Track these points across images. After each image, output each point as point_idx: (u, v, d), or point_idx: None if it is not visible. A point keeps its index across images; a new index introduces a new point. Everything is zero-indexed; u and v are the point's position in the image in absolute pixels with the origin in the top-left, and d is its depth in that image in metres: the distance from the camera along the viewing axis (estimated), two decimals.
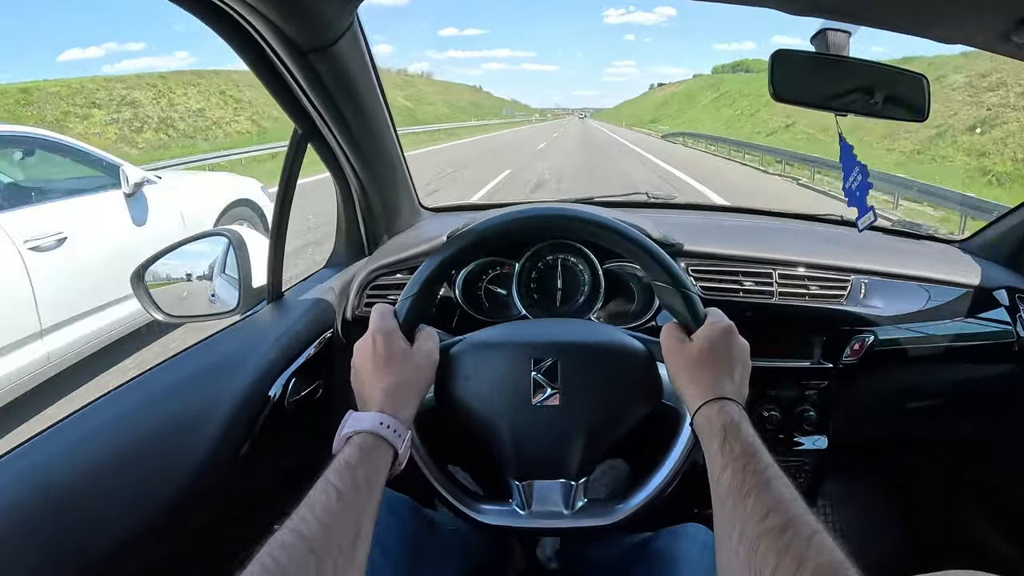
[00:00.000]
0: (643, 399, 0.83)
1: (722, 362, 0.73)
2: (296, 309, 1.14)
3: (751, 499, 0.56)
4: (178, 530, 0.80)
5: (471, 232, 0.83)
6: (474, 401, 0.82)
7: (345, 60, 0.98)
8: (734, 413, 0.67)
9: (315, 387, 1.09)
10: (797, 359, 1.25)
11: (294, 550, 0.51)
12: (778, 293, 1.22)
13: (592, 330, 0.91)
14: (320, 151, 1.17)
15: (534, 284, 1.23)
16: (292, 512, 0.55)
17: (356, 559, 0.56)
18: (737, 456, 0.62)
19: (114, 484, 0.74)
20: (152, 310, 1.18)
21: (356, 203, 1.31)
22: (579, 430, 0.81)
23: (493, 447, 0.83)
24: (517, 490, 0.83)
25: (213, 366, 0.97)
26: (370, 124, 1.16)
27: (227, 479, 0.88)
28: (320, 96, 1.01)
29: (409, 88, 71.84)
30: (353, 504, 0.58)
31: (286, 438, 1.02)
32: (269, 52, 0.90)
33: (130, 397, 0.87)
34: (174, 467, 0.80)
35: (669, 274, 0.79)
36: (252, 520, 0.96)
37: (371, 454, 0.64)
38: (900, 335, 1.25)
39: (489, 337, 0.86)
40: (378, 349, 0.74)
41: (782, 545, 0.50)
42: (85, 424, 0.79)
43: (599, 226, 0.83)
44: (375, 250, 1.38)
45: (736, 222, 1.60)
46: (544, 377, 0.81)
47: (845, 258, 1.27)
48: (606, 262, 1.21)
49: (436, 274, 0.81)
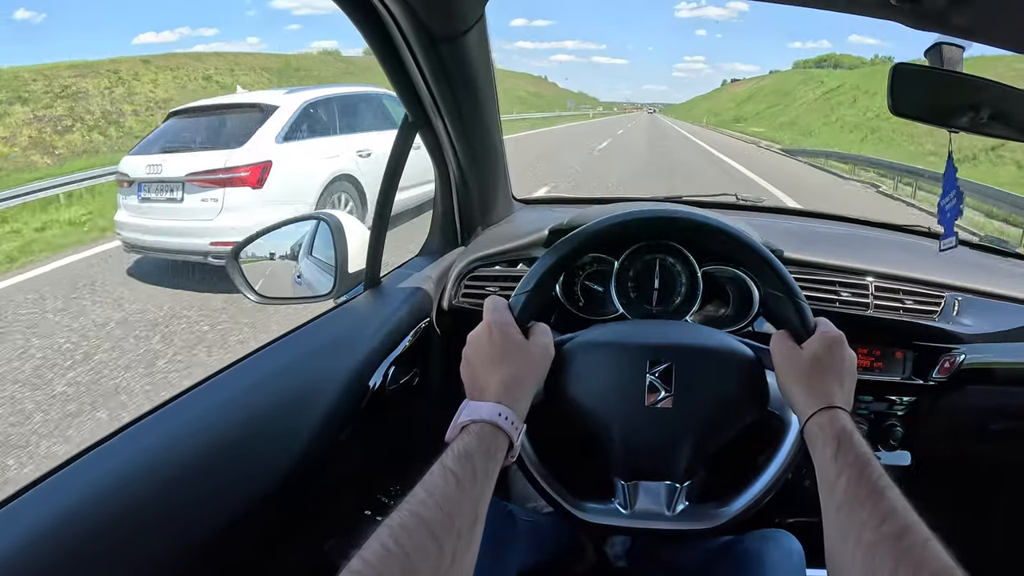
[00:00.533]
0: (752, 405, 0.83)
1: (833, 372, 0.74)
2: (395, 297, 1.17)
3: (867, 506, 0.58)
4: (277, 513, 0.82)
5: (587, 230, 0.83)
6: (586, 399, 0.83)
7: (470, 52, 1.00)
8: (847, 422, 0.68)
9: (412, 375, 1.11)
10: (887, 373, 1.24)
11: (416, 533, 0.51)
12: (873, 305, 1.21)
13: (704, 334, 0.91)
14: (426, 140, 1.19)
15: (632, 283, 1.22)
16: (406, 495, 0.55)
17: (473, 546, 0.56)
18: (851, 464, 0.62)
19: (218, 467, 0.76)
20: (246, 291, 1.20)
21: (455, 193, 1.32)
22: (689, 433, 0.82)
23: (602, 446, 0.84)
24: (622, 489, 0.84)
25: (316, 351, 1.00)
26: (481, 115, 1.17)
27: (325, 464, 0.89)
28: (440, 86, 1.02)
29: None
30: (470, 492, 0.58)
31: (384, 425, 1.04)
32: (400, 38, 0.92)
33: (234, 382, 0.89)
34: (275, 452, 0.82)
35: (783, 283, 0.79)
36: (349, 505, 0.99)
37: (489, 444, 0.64)
38: (990, 355, 1.23)
39: (604, 336, 0.87)
40: (495, 340, 0.74)
41: (900, 550, 0.52)
42: (190, 409, 0.82)
43: (717, 231, 0.83)
44: (470, 240, 1.39)
45: (828, 229, 1.59)
46: (659, 380, 0.81)
47: (939, 273, 1.25)
48: (705, 264, 1.19)
49: (553, 271, 0.82)
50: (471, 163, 1.26)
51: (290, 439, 0.84)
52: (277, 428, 0.85)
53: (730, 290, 1.23)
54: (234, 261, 1.21)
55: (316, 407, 0.89)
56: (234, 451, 0.79)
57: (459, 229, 1.38)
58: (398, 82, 1.03)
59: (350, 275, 1.20)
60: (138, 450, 0.74)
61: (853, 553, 0.55)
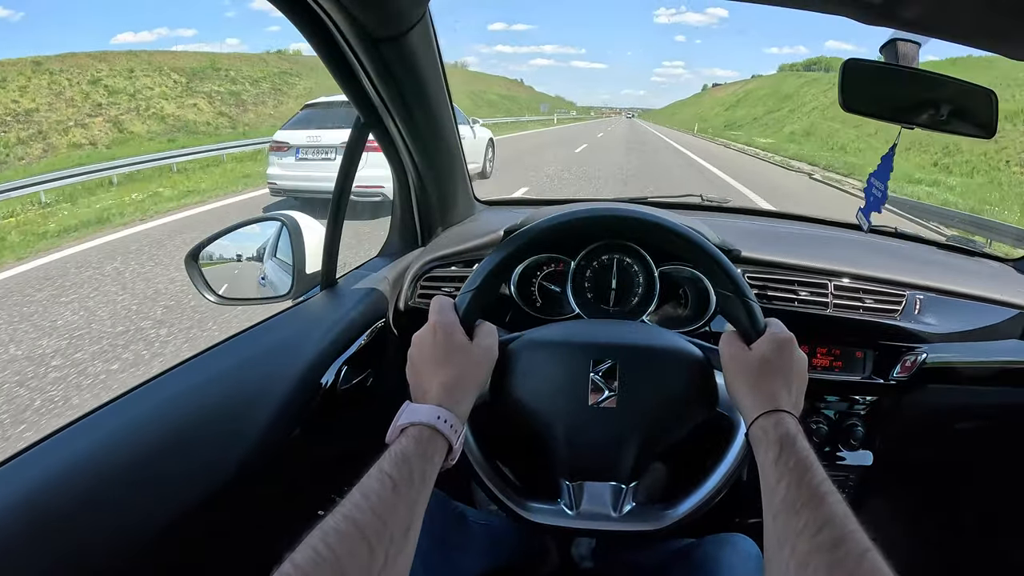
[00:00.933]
0: (699, 406, 0.83)
1: (780, 374, 0.73)
2: (350, 297, 1.16)
3: (805, 513, 0.56)
4: (226, 513, 0.81)
5: (534, 229, 0.82)
6: (530, 399, 0.82)
7: (414, 51, 0.99)
8: (791, 426, 0.67)
9: (366, 376, 1.10)
10: (848, 373, 1.23)
11: (348, 537, 0.51)
12: (833, 304, 1.20)
13: (652, 333, 0.90)
14: (381, 141, 1.18)
15: (588, 283, 1.22)
16: (343, 498, 0.55)
17: (407, 550, 0.56)
18: (792, 469, 0.61)
19: (163, 466, 0.75)
20: (205, 291, 1.19)
21: (413, 193, 1.32)
22: (634, 433, 0.81)
23: (546, 446, 0.83)
24: (567, 490, 0.83)
25: (268, 351, 0.99)
26: (432, 116, 1.17)
27: (276, 463, 0.89)
28: (387, 86, 1.02)
29: None
30: (407, 496, 0.58)
31: (335, 426, 1.03)
32: (340, 40, 0.91)
33: (184, 379, 0.88)
34: (224, 451, 0.82)
35: (733, 282, 0.78)
36: (299, 505, 0.98)
37: (427, 447, 0.64)
38: (952, 354, 1.23)
39: (548, 335, 0.86)
40: (438, 342, 0.74)
41: (834, 561, 0.51)
42: (136, 406, 0.81)
43: (665, 230, 0.83)
44: (429, 241, 1.39)
45: (790, 229, 1.58)
46: (602, 379, 0.81)
47: (901, 272, 1.25)
48: (662, 264, 1.20)
49: (498, 270, 0.81)
50: (427, 164, 1.25)
51: (238, 438, 0.83)
52: (225, 427, 0.84)
53: (687, 290, 1.23)
54: (192, 262, 1.20)
55: (266, 406, 0.88)
56: (179, 449, 0.78)
57: (418, 230, 1.38)
58: (344, 83, 1.02)
59: (308, 276, 1.19)
60: (79, 448, 0.73)
61: (788, 563, 0.54)
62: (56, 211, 9.47)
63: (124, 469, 0.72)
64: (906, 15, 0.78)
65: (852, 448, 1.27)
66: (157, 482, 0.74)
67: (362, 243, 4.01)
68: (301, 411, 0.94)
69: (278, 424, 0.89)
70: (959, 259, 1.53)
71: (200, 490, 0.77)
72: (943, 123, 0.97)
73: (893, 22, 0.84)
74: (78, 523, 0.66)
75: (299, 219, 1.23)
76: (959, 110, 0.97)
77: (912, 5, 0.73)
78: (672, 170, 15.57)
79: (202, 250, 1.21)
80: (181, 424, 0.80)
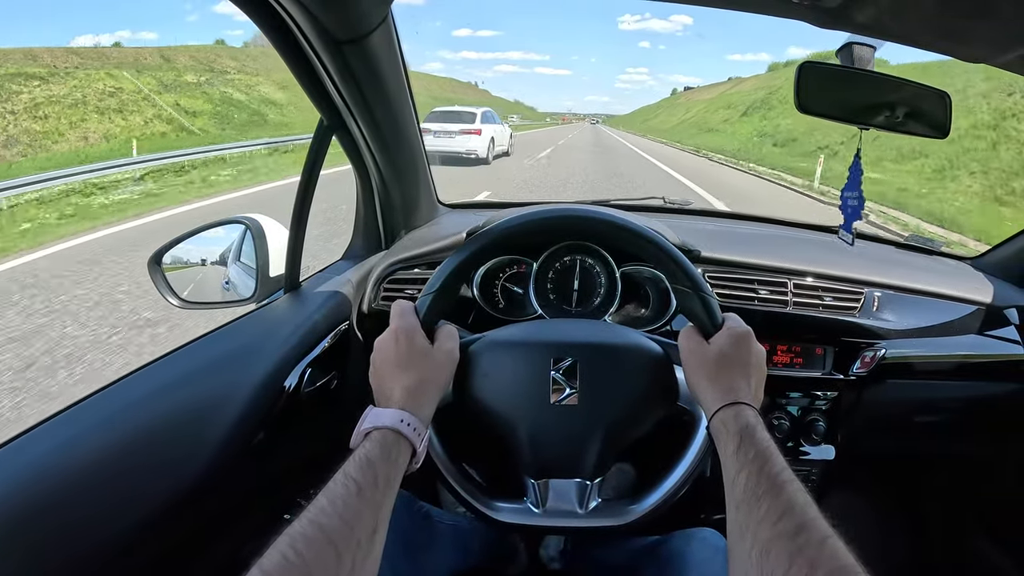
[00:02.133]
0: (660, 401, 0.83)
1: (739, 367, 0.74)
2: (313, 300, 1.15)
3: (765, 502, 0.57)
4: (190, 518, 0.80)
5: (493, 231, 0.83)
6: (492, 399, 0.82)
7: (377, 53, 0.99)
8: (750, 417, 0.68)
9: (330, 379, 1.10)
10: (808, 369, 1.25)
11: (315, 542, 0.51)
12: (792, 303, 1.22)
13: (611, 331, 0.91)
14: (344, 143, 1.17)
15: (551, 284, 1.23)
16: (308, 503, 0.55)
17: (373, 553, 0.56)
18: (752, 460, 0.62)
19: (126, 472, 0.74)
20: (168, 295, 1.17)
21: (376, 196, 1.31)
22: (596, 430, 0.81)
23: (510, 445, 0.83)
24: (532, 488, 0.83)
25: (229, 355, 0.98)
26: (395, 118, 1.16)
27: (240, 468, 0.88)
28: (349, 88, 1.02)
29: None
30: (372, 500, 0.58)
31: (300, 429, 1.02)
32: (303, 41, 0.91)
33: (144, 384, 0.87)
34: (187, 455, 0.81)
35: (689, 278, 0.80)
36: (264, 509, 0.97)
37: (391, 451, 0.64)
38: (911, 349, 1.26)
39: (508, 335, 0.86)
40: (400, 347, 0.74)
41: (794, 548, 0.51)
42: (97, 411, 0.80)
43: (621, 229, 0.83)
44: (393, 244, 1.38)
45: (751, 230, 1.60)
46: (563, 377, 0.81)
47: (859, 270, 1.27)
48: (623, 265, 1.21)
49: (458, 272, 0.81)
50: (390, 166, 1.25)
51: (201, 442, 0.82)
52: (188, 431, 0.83)
53: (649, 290, 1.25)
54: (155, 266, 1.17)
55: (229, 410, 0.87)
56: (142, 454, 0.77)
57: (382, 233, 1.38)
58: (306, 84, 1.01)
59: (271, 279, 1.18)
60: (40, 452, 0.71)
61: (750, 553, 0.54)
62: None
63: (85, 475, 0.71)
64: (860, 18, 0.80)
65: (814, 443, 1.29)
66: (119, 488, 0.73)
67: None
68: (265, 415, 0.93)
69: (242, 428, 0.88)
70: (917, 257, 1.57)
71: (163, 495, 0.76)
72: (898, 124, 0.99)
73: (848, 25, 0.85)
74: (38, 528, 0.65)
75: (263, 222, 1.21)
76: (914, 112, 0.99)
77: (866, 8, 0.74)
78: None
79: (165, 253, 1.19)
80: (143, 429, 0.79)
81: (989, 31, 0.74)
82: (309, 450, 1.07)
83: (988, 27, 0.73)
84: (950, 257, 1.59)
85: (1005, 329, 1.30)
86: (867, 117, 0.98)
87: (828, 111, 0.97)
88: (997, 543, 1.52)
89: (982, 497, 1.56)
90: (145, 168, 12.74)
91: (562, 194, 10.61)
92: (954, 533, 1.60)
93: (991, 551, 1.52)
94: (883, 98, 0.98)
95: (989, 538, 1.54)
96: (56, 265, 5.82)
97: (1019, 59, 0.78)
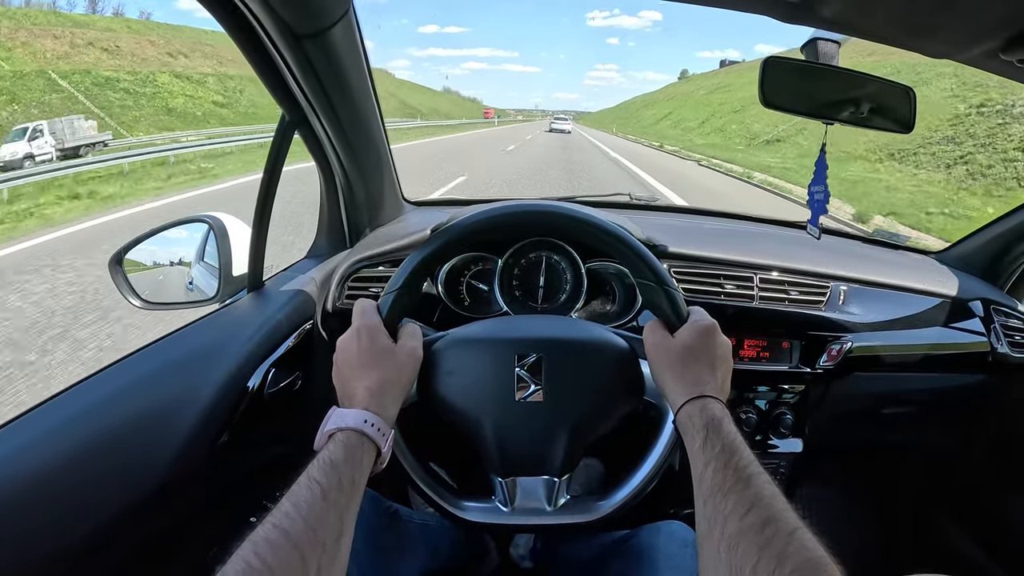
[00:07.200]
0: (626, 396, 0.83)
1: (704, 360, 0.73)
2: (276, 299, 1.13)
3: (732, 496, 0.57)
4: (151, 524, 0.79)
5: (456, 227, 0.82)
6: (457, 397, 0.81)
7: (338, 48, 0.97)
8: (716, 410, 0.67)
9: (294, 379, 1.08)
10: (775, 363, 1.26)
11: (279, 548, 0.50)
12: (759, 297, 1.23)
13: (576, 327, 0.90)
14: (306, 139, 1.16)
15: (516, 281, 1.23)
16: (273, 506, 0.54)
17: (339, 557, 0.55)
18: (719, 453, 0.62)
19: (86, 476, 0.73)
20: (129, 296, 1.15)
21: (340, 194, 1.30)
22: (562, 427, 0.81)
23: (476, 443, 0.83)
24: (500, 487, 0.82)
25: (191, 355, 0.96)
26: (358, 114, 1.15)
27: (203, 470, 0.86)
28: (310, 83, 1.00)
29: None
30: (337, 502, 0.57)
31: (264, 430, 1.01)
32: (262, 35, 0.89)
33: (104, 386, 0.85)
34: (149, 458, 0.79)
35: (653, 272, 0.79)
36: (228, 512, 0.95)
37: (355, 452, 0.63)
38: (877, 342, 1.27)
39: (472, 333, 0.86)
40: (362, 346, 0.73)
41: (762, 541, 0.51)
42: (55, 414, 0.78)
43: (586, 224, 0.83)
44: (357, 242, 1.37)
45: (717, 226, 1.61)
46: (528, 373, 0.81)
47: (825, 265, 1.28)
48: (589, 261, 1.21)
49: (420, 269, 0.80)
50: (353, 163, 1.23)
51: (163, 444, 0.81)
52: (149, 433, 0.81)
53: (615, 286, 1.25)
54: (116, 266, 1.15)
55: (191, 410, 0.86)
56: (102, 456, 0.75)
57: (346, 231, 1.36)
58: (268, 79, 0.99)
59: (235, 278, 1.16)
60: None
61: (719, 546, 0.54)
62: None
63: (40, 482, 0.69)
64: (825, 13, 0.80)
65: (782, 436, 1.31)
66: (78, 491, 0.71)
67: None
68: (228, 416, 0.91)
69: (205, 430, 0.86)
70: (882, 252, 1.59)
71: (124, 499, 0.75)
72: (863, 119, 1.00)
73: (813, 20, 0.86)
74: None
75: (225, 221, 1.19)
76: (879, 107, 1.00)
77: (831, 4, 0.74)
78: None
79: (126, 253, 1.17)
80: (103, 432, 0.77)
81: (953, 27, 0.74)
82: (274, 452, 1.06)
83: (952, 23, 0.73)
84: (915, 251, 1.62)
85: (969, 321, 1.33)
86: (832, 112, 0.98)
87: (793, 106, 0.98)
88: (963, 530, 1.54)
89: (948, 486, 1.59)
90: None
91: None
92: (921, 522, 1.63)
93: (957, 538, 1.55)
94: (848, 94, 0.98)
95: (955, 526, 1.56)
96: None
97: (983, 55, 0.78)
